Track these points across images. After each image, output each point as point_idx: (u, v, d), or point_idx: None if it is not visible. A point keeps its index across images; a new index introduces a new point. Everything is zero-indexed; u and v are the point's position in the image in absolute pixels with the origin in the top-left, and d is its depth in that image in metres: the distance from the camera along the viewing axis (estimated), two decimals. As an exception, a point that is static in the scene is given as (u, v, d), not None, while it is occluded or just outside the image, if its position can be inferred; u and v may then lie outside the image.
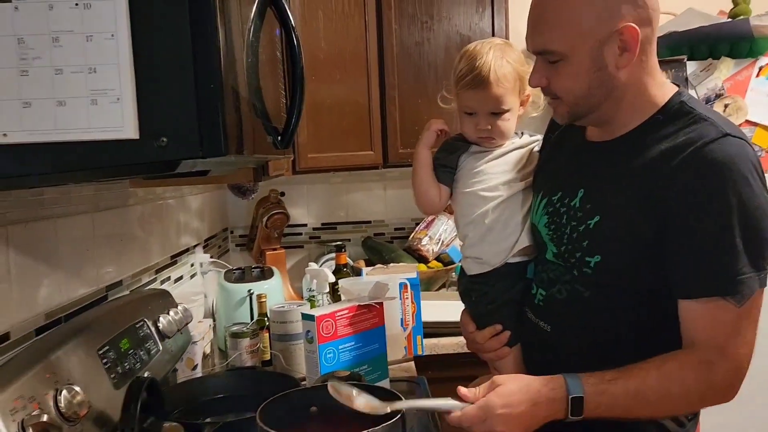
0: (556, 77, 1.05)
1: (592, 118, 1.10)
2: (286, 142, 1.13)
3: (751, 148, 1.01)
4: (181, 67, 0.74)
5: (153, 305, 1.39)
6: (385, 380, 1.48)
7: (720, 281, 0.98)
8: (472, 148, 1.29)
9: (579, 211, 1.09)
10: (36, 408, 0.88)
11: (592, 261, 1.07)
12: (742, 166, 0.98)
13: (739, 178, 0.97)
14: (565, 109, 1.09)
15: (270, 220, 2.46)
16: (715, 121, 1.01)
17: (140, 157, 0.75)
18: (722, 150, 0.98)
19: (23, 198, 1.08)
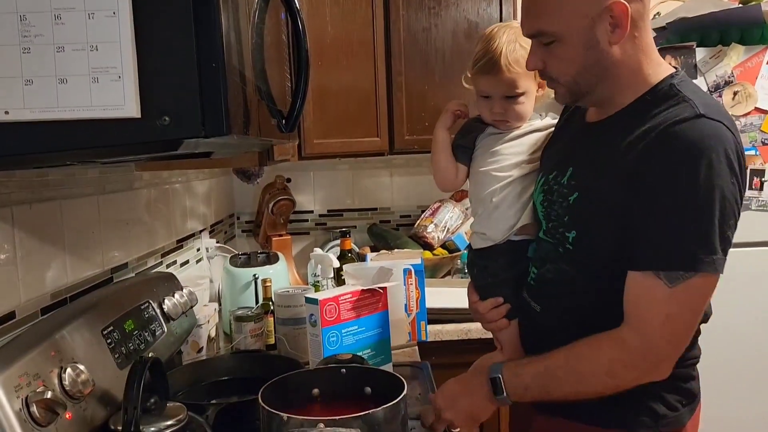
0: (551, 59, 1.06)
1: (591, 99, 1.11)
2: (291, 126, 1.13)
3: (730, 133, 0.99)
4: (183, 46, 0.73)
5: (158, 288, 1.40)
6: (388, 364, 1.48)
7: (657, 256, 0.98)
8: (488, 129, 1.32)
9: (565, 188, 1.11)
10: (41, 385, 0.89)
11: (570, 236, 1.10)
12: (710, 147, 0.96)
13: (702, 160, 0.95)
14: (563, 91, 1.10)
15: (276, 206, 2.46)
16: (695, 103, 1.00)
17: (142, 135, 0.75)
18: (692, 129, 0.97)
19: (28, 179, 1.09)
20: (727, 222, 0.97)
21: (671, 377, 1.08)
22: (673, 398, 1.09)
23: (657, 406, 1.08)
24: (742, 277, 2.26)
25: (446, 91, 2.37)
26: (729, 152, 0.97)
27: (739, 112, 2.22)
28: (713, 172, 0.95)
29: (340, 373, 1.14)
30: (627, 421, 1.08)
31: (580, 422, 1.11)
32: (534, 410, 1.20)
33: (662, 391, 1.08)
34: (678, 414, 1.09)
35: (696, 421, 1.14)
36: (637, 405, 1.08)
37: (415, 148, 2.38)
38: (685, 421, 1.10)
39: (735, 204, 0.98)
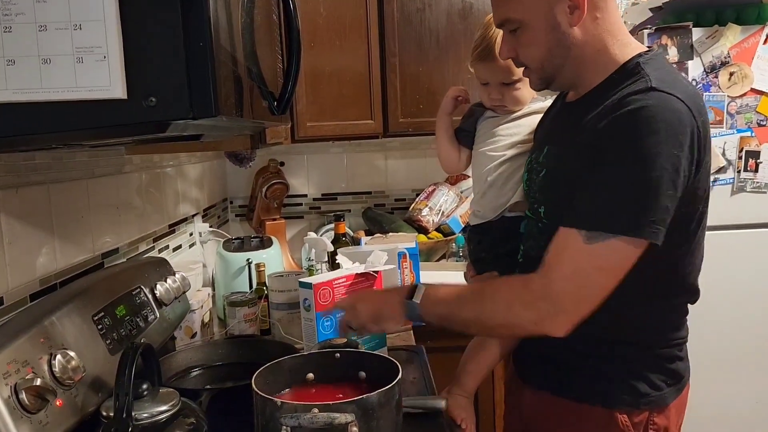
0: (520, 47, 1.10)
1: (560, 82, 1.14)
2: (283, 108, 1.11)
3: (682, 104, 0.98)
4: (169, 25, 0.71)
5: (150, 273, 1.38)
6: (383, 348, 1.48)
7: (583, 215, 1.00)
8: (488, 113, 1.37)
9: (539, 166, 1.15)
10: (30, 372, 0.87)
11: (541, 211, 1.14)
12: (653, 118, 0.96)
13: (644, 129, 0.96)
14: (535, 77, 1.14)
15: (269, 190, 2.44)
16: (650, 77, 1.01)
17: (129, 117, 0.73)
18: (640, 101, 0.98)
19: (14, 163, 1.06)
20: (665, 192, 0.96)
21: (655, 356, 1.10)
22: (656, 377, 1.10)
23: (639, 384, 1.09)
24: (737, 259, 2.27)
25: (440, 73, 2.35)
26: (675, 124, 0.96)
27: (735, 92, 2.21)
28: (654, 140, 0.95)
29: (334, 358, 1.13)
30: (608, 397, 1.10)
31: (563, 397, 1.14)
32: (524, 385, 1.23)
33: (645, 369, 1.10)
34: (661, 393, 1.10)
35: (682, 401, 1.15)
36: (618, 382, 1.10)
37: (410, 130, 2.36)
38: (668, 401, 1.11)
39: (676, 174, 0.96)
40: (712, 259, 1.25)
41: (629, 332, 1.10)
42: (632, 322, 1.09)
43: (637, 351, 1.10)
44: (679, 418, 1.15)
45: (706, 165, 1.04)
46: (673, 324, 1.13)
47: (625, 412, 1.09)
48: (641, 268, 1.00)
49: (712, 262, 1.22)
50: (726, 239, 2.21)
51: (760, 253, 2.29)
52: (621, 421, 1.09)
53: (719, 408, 2.30)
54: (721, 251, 2.14)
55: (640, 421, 1.10)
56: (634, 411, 1.09)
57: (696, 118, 0.99)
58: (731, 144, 2.25)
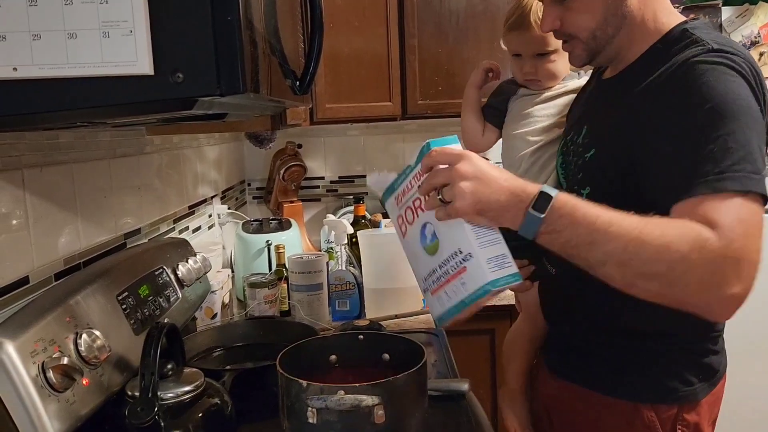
0: (569, 15, 1.03)
1: (607, 54, 1.06)
2: (306, 88, 1.09)
3: (747, 63, 0.92)
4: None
5: (172, 253, 1.38)
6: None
7: (696, 179, 0.86)
8: (521, 91, 1.31)
9: (580, 147, 1.08)
10: (56, 351, 0.87)
11: (584, 194, 1.05)
12: (727, 73, 0.90)
13: (720, 80, 0.89)
14: (581, 47, 1.06)
15: (287, 173, 2.44)
16: (707, 40, 0.95)
17: (155, 93, 0.71)
18: (706, 61, 0.92)
19: (38, 141, 1.06)
20: (761, 137, 0.88)
21: (687, 350, 1.05)
22: (688, 373, 1.04)
23: (667, 379, 1.04)
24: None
25: (460, 55, 2.31)
26: (747, 77, 0.91)
27: (766, 73, 2.15)
28: (734, 86, 0.89)
29: (357, 340, 1.12)
30: (633, 390, 1.05)
31: (588, 388, 1.10)
32: (549, 375, 1.20)
33: (675, 363, 1.05)
34: (692, 389, 1.05)
35: (716, 396, 1.09)
36: (645, 376, 1.05)
37: (428, 113, 2.34)
38: (700, 397, 1.05)
39: (762, 124, 0.90)
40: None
41: (658, 322, 1.04)
42: (662, 310, 1.05)
43: (667, 343, 1.05)
44: (712, 414, 1.08)
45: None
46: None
47: (651, 408, 1.04)
48: None
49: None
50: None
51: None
52: (647, 416, 1.04)
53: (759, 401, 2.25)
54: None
55: (668, 417, 1.04)
56: (662, 406, 1.04)
57: (759, 76, 0.94)
58: (758, 126, 2.20)
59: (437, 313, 0.94)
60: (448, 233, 0.90)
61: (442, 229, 0.91)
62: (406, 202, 0.98)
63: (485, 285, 0.85)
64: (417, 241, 0.95)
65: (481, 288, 0.86)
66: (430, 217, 0.92)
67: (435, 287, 0.94)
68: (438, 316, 0.94)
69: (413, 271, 1.00)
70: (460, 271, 0.88)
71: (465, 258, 0.88)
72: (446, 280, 0.91)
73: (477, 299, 0.86)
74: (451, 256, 0.89)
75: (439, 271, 0.92)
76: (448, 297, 0.91)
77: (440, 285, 0.92)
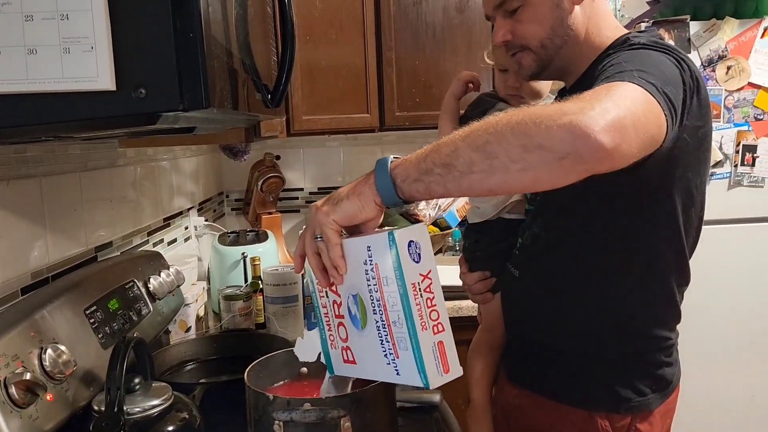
0: (518, 26, 1.07)
1: (555, 67, 1.11)
2: (278, 101, 1.10)
3: (679, 52, 0.96)
4: (159, 15, 0.70)
5: (144, 266, 1.37)
6: None
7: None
8: (499, 105, 1.31)
9: None
10: (20, 366, 0.87)
11: (537, 197, 1.13)
12: (651, 50, 0.94)
13: (642, 52, 0.94)
14: (531, 59, 1.09)
15: (265, 184, 2.43)
16: (642, 39, 1.00)
17: (118, 109, 0.72)
18: (633, 44, 0.97)
19: (5, 155, 1.05)
20: (670, 82, 0.88)
21: (641, 361, 1.07)
22: (641, 383, 1.06)
23: (622, 390, 1.06)
24: (734, 253, 2.26)
25: (437, 67, 2.33)
26: (678, 59, 0.94)
27: (732, 86, 2.20)
28: (660, 57, 0.93)
29: (328, 352, 1.12)
30: (587, 399, 1.07)
31: (545, 396, 1.11)
32: (507, 381, 1.21)
33: (629, 374, 1.06)
34: (645, 399, 1.06)
35: (669, 406, 1.11)
36: (599, 384, 1.07)
37: (406, 124, 2.35)
38: (653, 407, 1.07)
39: (679, 79, 0.91)
40: (708, 254, 1.24)
41: (613, 331, 1.06)
42: (619, 320, 1.06)
43: (621, 353, 1.07)
44: (664, 424, 1.11)
45: (707, 132, 1.01)
46: (663, 318, 1.08)
47: (605, 417, 1.06)
48: (631, 240, 1.01)
49: (708, 257, 1.21)
50: (722, 233, 2.20)
51: (757, 248, 2.29)
52: (601, 425, 1.06)
53: (712, 405, 2.29)
54: (718, 245, 2.14)
55: (622, 427, 1.06)
56: (615, 415, 1.06)
57: (693, 66, 0.97)
58: (728, 138, 2.24)
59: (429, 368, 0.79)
60: (354, 281, 0.83)
61: (351, 284, 0.84)
62: (332, 326, 0.90)
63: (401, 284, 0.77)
64: (357, 332, 0.85)
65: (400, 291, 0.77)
66: (344, 295, 0.85)
67: (394, 348, 0.81)
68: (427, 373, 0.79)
69: (380, 372, 0.85)
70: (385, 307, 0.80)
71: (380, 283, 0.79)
72: (389, 329, 0.80)
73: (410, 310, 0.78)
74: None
75: (381, 329, 0.81)
76: (405, 345, 0.79)
77: (393, 342, 0.81)
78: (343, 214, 0.83)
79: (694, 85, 0.95)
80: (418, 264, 0.80)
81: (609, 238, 1.05)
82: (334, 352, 0.91)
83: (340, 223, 0.83)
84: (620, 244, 1.04)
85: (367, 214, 0.84)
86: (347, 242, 0.84)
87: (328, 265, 0.84)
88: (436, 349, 0.79)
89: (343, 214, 0.83)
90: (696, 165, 1.02)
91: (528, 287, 1.16)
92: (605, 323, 1.07)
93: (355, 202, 0.83)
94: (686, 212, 1.03)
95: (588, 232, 1.06)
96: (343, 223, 0.83)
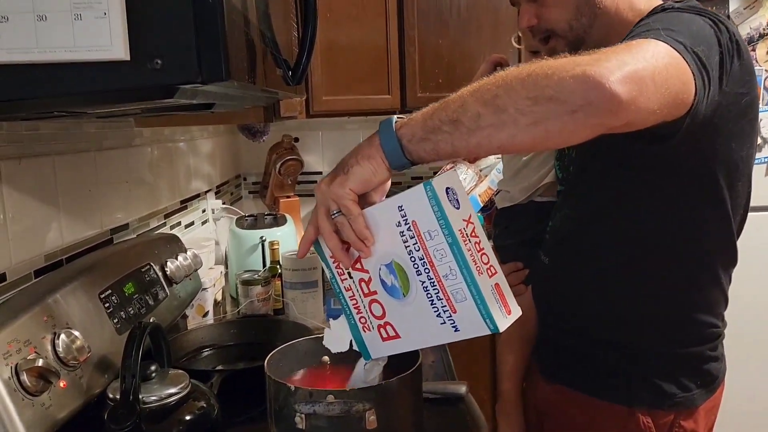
0: (543, 10, 1.04)
1: (588, 47, 1.02)
2: (298, 78, 1.05)
3: (718, 17, 0.89)
4: (176, -22, 0.65)
5: (160, 250, 1.33)
6: None
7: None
8: None
9: None
10: (32, 352, 0.83)
11: (572, 170, 1.07)
12: (686, 13, 0.87)
13: (676, 16, 0.87)
14: (562, 43, 1.05)
15: (283, 167, 2.39)
16: (678, 7, 0.93)
17: (133, 80, 0.67)
18: (666, 7, 0.91)
19: (16, 132, 1.01)
20: (702, 42, 0.82)
21: (686, 355, 1.01)
22: (686, 378, 1.01)
23: (666, 384, 1.00)
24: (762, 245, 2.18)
25: (461, 46, 2.27)
26: (715, 22, 0.87)
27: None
28: (696, 20, 0.86)
29: (350, 340, 1.08)
30: (629, 395, 1.01)
31: (581, 392, 1.06)
32: (541, 377, 1.16)
33: (674, 368, 1.01)
34: (690, 395, 1.01)
35: (714, 403, 1.05)
36: (642, 380, 1.01)
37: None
38: (698, 403, 1.01)
39: (714, 40, 0.85)
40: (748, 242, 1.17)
41: (657, 323, 1.00)
42: (661, 311, 1.00)
43: (666, 346, 1.01)
44: (708, 422, 1.05)
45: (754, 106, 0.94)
46: (709, 302, 1.01)
47: (647, 413, 1.00)
48: (659, 247, 0.95)
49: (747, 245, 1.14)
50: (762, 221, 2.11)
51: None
52: (643, 422, 1.00)
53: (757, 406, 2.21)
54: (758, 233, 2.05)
55: (665, 424, 1.00)
56: (658, 412, 1.00)
57: (734, 33, 0.90)
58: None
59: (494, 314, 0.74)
60: (387, 249, 0.78)
61: (381, 255, 0.78)
62: (362, 307, 0.84)
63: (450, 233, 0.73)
64: (398, 302, 0.80)
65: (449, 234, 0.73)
66: (373, 269, 0.80)
67: (449, 304, 0.76)
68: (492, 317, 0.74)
69: (433, 336, 0.79)
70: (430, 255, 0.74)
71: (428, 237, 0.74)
72: (440, 285, 0.75)
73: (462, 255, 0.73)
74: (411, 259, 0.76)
75: (431, 288, 0.76)
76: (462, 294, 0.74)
77: (447, 297, 0.75)
78: (358, 180, 0.78)
79: (734, 48, 0.88)
80: (459, 210, 0.75)
81: (645, 216, 0.98)
82: (368, 335, 0.86)
83: (357, 191, 0.78)
84: (659, 223, 0.98)
85: (380, 177, 0.79)
86: (369, 211, 0.79)
87: (353, 239, 0.79)
88: (495, 292, 0.75)
89: (358, 181, 0.78)
90: (740, 136, 0.94)
91: (559, 275, 1.10)
92: (645, 311, 1.01)
93: (367, 165, 0.78)
94: (732, 187, 0.96)
95: (622, 210, 1.00)
96: (359, 189, 0.78)
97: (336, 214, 0.79)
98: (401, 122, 0.78)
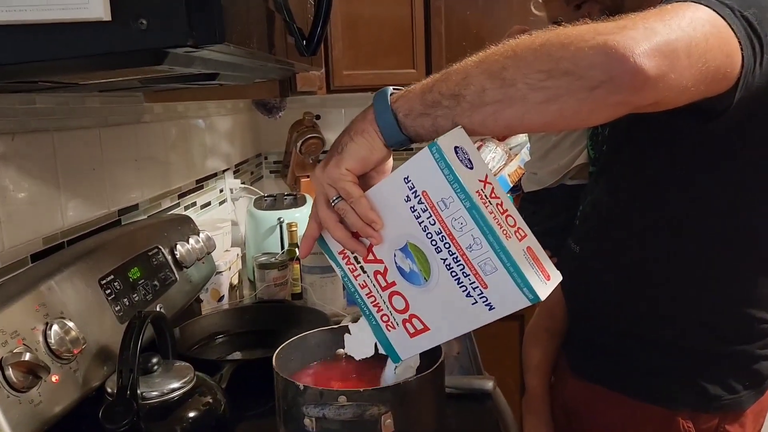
0: None
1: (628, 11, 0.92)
2: (314, 48, 0.96)
3: None
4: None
5: (170, 232, 1.27)
6: None
7: None
8: None
9: None
10: (20, 344, 0.77)
11: (605, 149, 0.98)
12: None
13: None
14: (597, 9, 0.96)
15: (304, 145, 2.31)
16: None
17: (115, 44, 0.59)
18: None
19: (8, 106, 0.94)
20: (755, 3, 0.70)
21: (733, 353, 0.91)
22: (733, 378, 0.91)
23: (710, 386, 0.91)
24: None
25: (490, 18, 2.15)
26: None
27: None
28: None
29: (368, 332, 0.99)
30: (670, 396, 0.92)
31: (618, 391, 0.96)
32: (572, 375, 1.06)
33: (720, 367, 0.91)
34: (737, 397, 0.91)
35: (763, 406, 0.96)
36: (684, 380, 0.92)
37: (455, 81, 2.18)
38: (745, 406, 0.92)
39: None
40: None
41: (701, 316, 0.91)
42: (703, 303, 0.91)
43: (710, 343, 0.91)
44: (757, 425, 0.96)
45: None
46: (758, 294, 0.91)
47: (689, 417, 0.91)
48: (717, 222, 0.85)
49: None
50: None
51: None
52: (683, 425, 0.91)
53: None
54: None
55: (708, 429, 0.92)
56: (702, 415, 0.91)
57: None
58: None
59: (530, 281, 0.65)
60: (400, 229, 0.69)
61: (393, 238, 0.70)
62: (382, 304, 0.75)
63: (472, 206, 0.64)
64: (420, 289, 0.71)
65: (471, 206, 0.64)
66: (387, 256, 0.72)
67: (478, 279, 0.66)
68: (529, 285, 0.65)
69: (466, 320, 0.71)
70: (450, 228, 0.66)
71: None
72: (465, 259, 0.66)
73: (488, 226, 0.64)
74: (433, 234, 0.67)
75: (455, 266, 0.67)
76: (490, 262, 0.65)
77: (475, 271, 0.66)
78: (354, 158, 0.69)
79: None
80: (472, 170, 0.66)
81: (692, 201, 0.88)
82: (393, 334, 0.77)
83: (355, 171, 0.70)
84: (701, 208, 0.88)
85: (379, 154, 0.70)
86: (373, 191, 0.70)
87: (359, 226, 0.70)
88: (528, 256, 0.66)
89: (355, 159, 0.69)
90: None
91: (590, 264, 1.01)
92: (689, 305, 0.91)
93: (362, 141, 0.69)
94: None
95: (665, 194, 0.90)
96: (357, 169, 0.70)
97: (336, 200, 0.70)
98: (398, 94, 0.70)
